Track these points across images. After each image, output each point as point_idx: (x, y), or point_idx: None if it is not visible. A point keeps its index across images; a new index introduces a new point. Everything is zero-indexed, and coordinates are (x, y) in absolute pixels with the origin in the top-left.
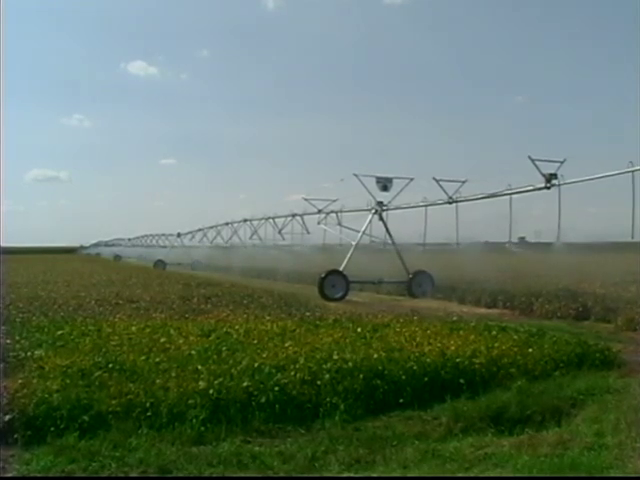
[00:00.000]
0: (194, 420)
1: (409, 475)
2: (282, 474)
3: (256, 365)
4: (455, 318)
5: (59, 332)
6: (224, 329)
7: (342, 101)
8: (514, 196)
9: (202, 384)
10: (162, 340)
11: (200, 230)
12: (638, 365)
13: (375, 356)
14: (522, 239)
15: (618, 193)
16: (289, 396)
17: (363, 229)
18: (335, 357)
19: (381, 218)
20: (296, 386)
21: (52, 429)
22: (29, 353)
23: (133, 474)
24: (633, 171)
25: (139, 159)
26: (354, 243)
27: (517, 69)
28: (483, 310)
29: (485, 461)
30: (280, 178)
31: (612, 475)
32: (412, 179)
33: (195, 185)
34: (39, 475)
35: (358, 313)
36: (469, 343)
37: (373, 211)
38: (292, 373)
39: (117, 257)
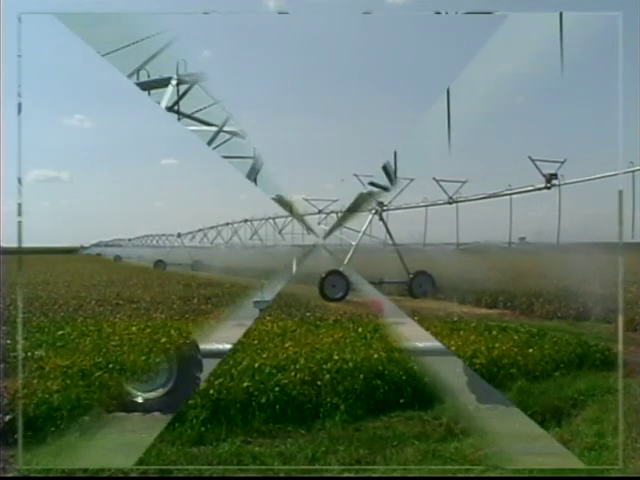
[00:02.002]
0: (194, 420)
1: (409, 475)
2: (282, 474)
3: (256, 365)
4: (455, 318)
5: (59, 332)
6: None
7: (342, 101)
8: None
9: (202, 384)
10: (162, 340)
11: (200, 230)
12: (638, 366)
13: (375, 356)
14: (522, 239)
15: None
16: (289, 396)
17: (363, 229)
18: (335, 357)
19: (381, 218)
20: (296, 386)
21: (52, 429)
22: (29, 353)
23: (133, 474)
24: (633, 171)
25: (140, 159)
26: (354, 243)
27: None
28: (484, 310)
29: (485, 462)
30: (280, 178)
31: (612, 475)
32: (412, 179)
33: (196, 185)
34: (39, 475)
35: (358, 313)
36: (470, 343)
37: (373, 211)
38: (292, 373)
39: (117, 257)
